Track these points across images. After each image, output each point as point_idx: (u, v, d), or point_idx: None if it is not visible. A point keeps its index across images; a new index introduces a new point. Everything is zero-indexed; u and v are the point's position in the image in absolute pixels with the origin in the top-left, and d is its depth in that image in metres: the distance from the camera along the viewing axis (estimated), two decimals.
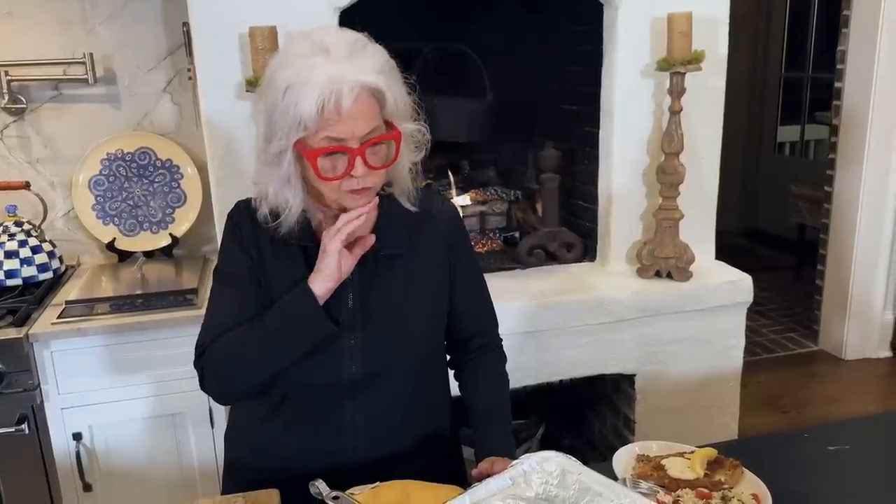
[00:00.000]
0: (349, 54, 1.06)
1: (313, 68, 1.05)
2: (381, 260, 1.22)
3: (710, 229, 2.59)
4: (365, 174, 1.10)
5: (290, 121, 1.06)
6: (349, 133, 1.07)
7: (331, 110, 1.05)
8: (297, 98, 1.05)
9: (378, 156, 1.12)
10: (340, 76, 1.04)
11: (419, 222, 1.25)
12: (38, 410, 1.95)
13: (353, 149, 1.08)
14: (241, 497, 1.03)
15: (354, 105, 1.05)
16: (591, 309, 2.32)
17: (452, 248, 1.29)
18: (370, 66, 1.07)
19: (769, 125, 5.61)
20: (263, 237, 1.20)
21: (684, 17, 2.19)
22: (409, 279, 1.24)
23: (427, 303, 1.26)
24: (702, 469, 1.13)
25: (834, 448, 1.24)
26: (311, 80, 1.04)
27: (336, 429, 1.23)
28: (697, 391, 2.50)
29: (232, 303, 1.21)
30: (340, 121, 1.06)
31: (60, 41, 2.34)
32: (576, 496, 0.91)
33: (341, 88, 1.04)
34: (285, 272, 1.19)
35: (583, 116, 2.58)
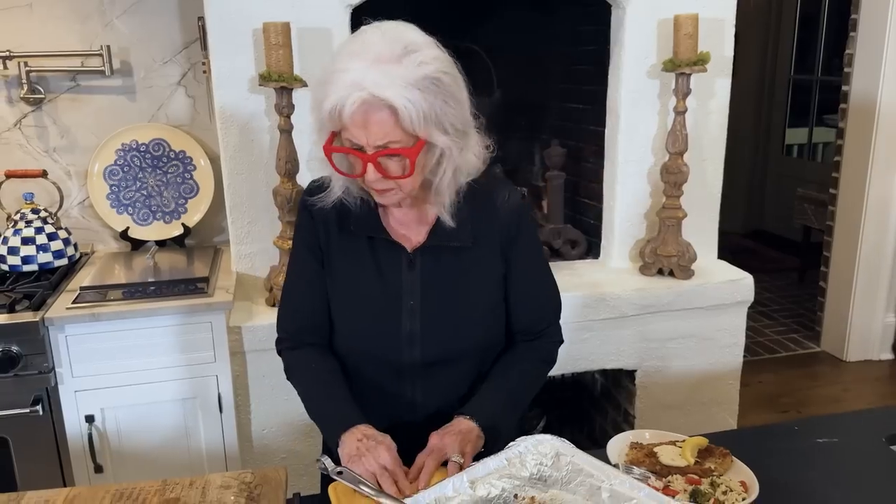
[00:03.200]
0: (381, 62, 1.07)
1: (340, 71, 1.08)
2: (443, 251, 1.26)
3: (713, 229, 2.62)
4: (377, 180, 1.14)
5: (326, 111, 1.11)
6: (363, 140, 1.10)
7: (340, 116, 1.09)
8: (322, 97, 1.10)
9: (395, 168, 1.14)
10: (357, 83, 1.06)
11: (484, 214, 1.28)
12: (52, 393, 2.00)
13: (364, 155, 1.11)
14: (249, 472, 1.07)
15: (364, 115, 1.08)
16: (593, 305, 2.36)
17: (512, 241, 1.30)
18: (392, 80, 1.06)
19: (777, 128, 5.63)
20: (331, 227, 1.28)
21: (690, 19, 2.22)
22: (470, 270, 1.27)
23: (486, 294, 1.29)
24: (692, 457, 1.17)
25: (823, 441, 1.28)
26: (332, 82, 1.09)
27: (398, 407, 1.29)
28: (697, 388, 2.54)
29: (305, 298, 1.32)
30: (353, 126, 1.09)
31: (78, 33, 2.39)
32: (568, 476, 0.95)
33: (353, 97, 1.06)
34: (352, 256, 1.27)
35: (589, 115, 2.61)
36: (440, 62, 1.13)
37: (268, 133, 2.18)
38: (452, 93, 1.13)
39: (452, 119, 1.13)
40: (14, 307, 1.98)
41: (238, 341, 2.09)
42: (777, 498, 1.05)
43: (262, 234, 2.24)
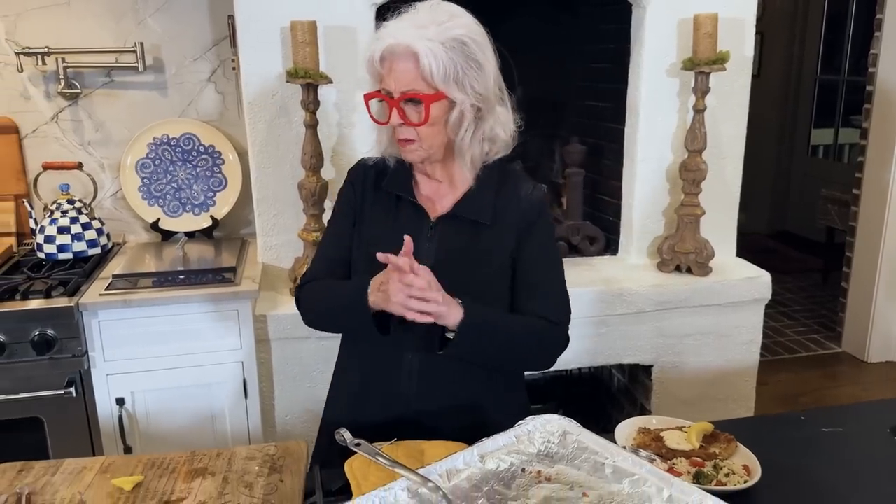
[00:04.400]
0: (416, 22, 1.22)
1: (382, 29, 1.25)
2: (463, 223, 1.34)
3: (732, 227, 2.64)
4: (398, 124, 1.25)
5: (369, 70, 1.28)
6: (392, 86, 1.23)
7: (384, 61, 1.23)
8: (371, 48, 1.26)
9: (417, 111, 1.25)
10: (392, 34, 1.21)
11: (507, 200, 1.36)
12: (85, 376, 2.08)
13: (391, 99, 1.24)
14: (273, 445, 1.13)
15: (390, 61, 1.22)
16: (610, 300, 2.39)
17: (528, 229, 1.36)
18: (422, 34, 1.20)
19: (803, 128, 5.59)
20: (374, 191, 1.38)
21: (710, 19, 2.25)
22: (485, 247, 1.34)
23: (494, 276, 1.35)
24: (697, 441, 1.21)
25: (828, 430, 1.31)
26: (376, 35, 1.26)
27: (395, 375, 1.34)
28: (713, 384, 2.56)
29: (329, 249, 1.44)
30: (389, 73, 1.23)
31: (113, 31, 2.47)
32: (574, 453, 1.00)
33: (382, 44, 1.21)
34: (380, 216, 1.37)
35: (608, 113, 2.65)
36: (471, 30, 1.26)
37: (294, 128, 2.24)
38: (476, 58, 1.25)
39: (473, 81, 1.24)
40: (50, 293, 2.06)
41: (263, 329, 2.15)
42: (778, 482, 1.08)
43: (288, 227, 2.30)
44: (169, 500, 1.01)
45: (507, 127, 1.35)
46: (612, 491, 0.92)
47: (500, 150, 1.36)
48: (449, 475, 0.95)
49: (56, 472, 1.08)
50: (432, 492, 0.90)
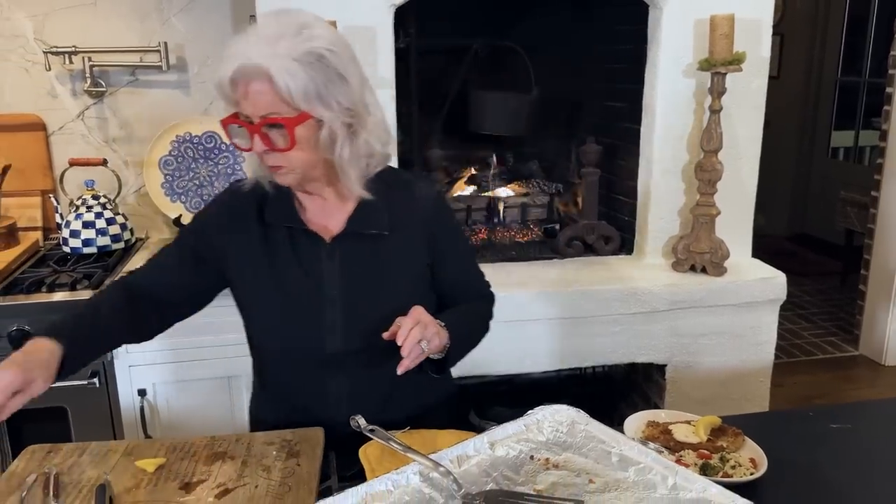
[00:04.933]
0: (265, 36, 1.11)
1: (229, 46, 1.13)
2: (362, 239, 1.28)
3: (748, 227, 2.64)
4: (263, 151, 1.15)
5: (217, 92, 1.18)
6: (249, 110, 1.13)
7: (227, 85, 1.13)
8: (214, 73, 1.16)
9: (281, 136, 1.14)
10: (241, 54, 1.10)
11: (402, 205, 1.31)
12: (108, 367, 2.14)
13: (250, 125, 1.14)
14: (289, 432, 1.17)
15: (244, 84, 1.11)
16: (625, 299, 2.41)
17: (436, 234, 1.34)
18: (274, 52, 1.09)
19: (823, 130, 5.56)
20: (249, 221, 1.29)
21: (726, 20, 2.26)
22: (390, 258, 1.30)
23: (407, 282, 1.32)
24: (705, 434, 1.23)
25: (836, 426, 1.32)
26: (223, 56, 1.14)
27: (322, 400, 1.30)
28: (727, 384, 2.56)
29: (158, 263, 1.37)
30: (244, 96, 1.12)
31: (138, 31, 2.53)
32: (581, 442, 1.02)
33: (231, 66, 1.11)
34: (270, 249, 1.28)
35: (624, 113, 2.66)
36: (328, 40, 1.15)
37: None
38: (339, 71, 1.14)
39: (338, 96, 1.15)
40: (75, 286, 2.12)
41: None
42: (784, 476, 1.10)
43: None
44: (189, 481, 1.04)
45: (383, 138, 1.27)
46: (618, 478, 0.95)
47: (379, 164, 1.28)
48: (459, 461, 0.98)
49: (83, 453, 1.13)
50: (443, 476, 0.93)
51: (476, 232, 2.83)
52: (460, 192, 2.87)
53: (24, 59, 2.50)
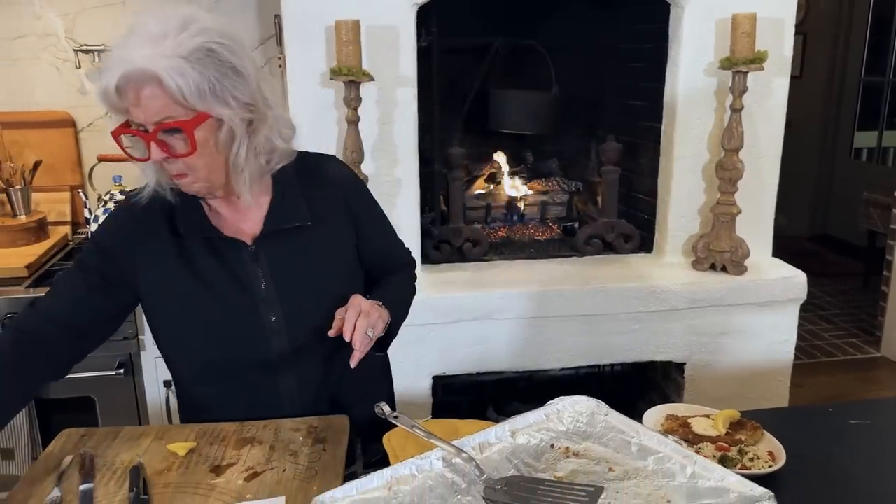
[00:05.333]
0: (152, 37, 1.04)
1: (114, 52, 1.06)
2: (284, 234, 1.23)
3: (768, 226, 2.64)
4: (163, 159, 1.09)
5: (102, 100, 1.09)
6: (141, 117, 1.06)
7: (113, 94, 1.05)
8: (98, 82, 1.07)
9: (180, 141, 1.08)
10: (125, 59, 1.03)
11: (319, 190, 1.27)
12: (135, 358, 2.19)
13: (145, 134, 1.07)
14: (315, 419, 1.19)
15: (132, 90, 1.04)
16: (644, 297, 2.42)
17: (357, 214, 1.32)
18: (161, 52, 1.03)
19: (846, 130, 5.52)
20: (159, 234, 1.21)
21: (748, 19, 2.26)
22: (318, 247, 1.26)
23: (339, 268, 1.28)
24: (724, 428, 1.24)
25: (855, 422, 1.33)
26: (105, 63, 1.07)
27: (272, 399, 1.26)
28: (746, 383, 2.56)
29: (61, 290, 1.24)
30: (129, 104, 1.06)
31: None
32: (601, 432, 1.04)
33: (116, 72, 1.03)
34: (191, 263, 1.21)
35: (645, 112, 2.67)
36: (217, 32, 1.09)
37: (336, 124, 2.32)
38: (232, 64, 1.08)
39: (234, 91, 1.09)
40: None
41: None
42: (803, 470, 1.11)
43: None
44: (220, 464, 1.08)
45: (285, 134, 1.21)
46: (637, 467, 0.97)
47: (282, 160, 1.22)
48: (481, 448, 1.01)
49: (116, 437, 1.16)
50: (466, 462, 0.96)
51: (495, 230, 2.85)
52: (480, 189, 2.89)
53: (55, 58, 2.56)
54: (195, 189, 1.16)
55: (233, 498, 1.00)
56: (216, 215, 1.24)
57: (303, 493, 1.00)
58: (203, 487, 1.02)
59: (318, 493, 0.95)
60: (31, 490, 1.02)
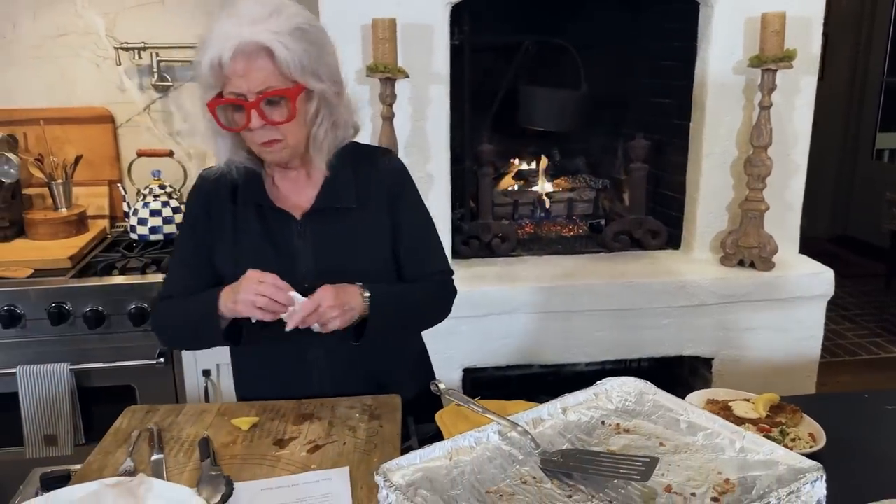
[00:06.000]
0: (248, 16, 1.15)
1: (214, 29, 1.17)
2: (331, 213, 1.33)
3: (795, 223, 2.66)
4: (261, 126, 1.19)
5: (202, 78, 1.21)
6: (244, 87, 1.16)
7: (219, 66, 1.15)
8: (201, 56, 1.18)
9: (279, 112, 1.19)
10: (231, 34, 1.14)
11: (368, 177, 1.36)
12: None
13: (247, 102, 1.17)
14: (369, 398, 1.24)
15: (242, 61, 1.14)
16: (673, 292, 2.45)
17: (396, 201, 1.38)
18: (266, 28, 1.14)
19: (867, 131, 5.51)
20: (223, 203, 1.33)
21: (778, 17, 2.29)
22: (359, 231, 1.34)
23: (376, 251, 1.36)
24: (764, 411, 1.27)
25: (892, 407, 1.36)
26: (209, 39, 1.17)
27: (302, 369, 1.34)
28: (774, 378, 2.58)
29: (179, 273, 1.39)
30: (234, 75, 1.15)
31: (204, 27, 2.63)
32: (650, 410, 1.08)
33: (228, 45, 1.14)
34: (245, 229, 1.32)
35: (673, 109, 2.70)
36: (305, 17, 1.21)
37: (370, 120, 2.36)
38: (322, 43, 1.22)
39: (325, 68, 1.22)
40: (145, 270, 2.23)
41: None
42: (842, 451, 1.14)
43: None
44: (282, 438, 1.12)
45: (353, 110, 1.34)
46: (687, 442, 1.00)
47: (350, 136, 1.35)
48: (534, 423, 1.05)
49: (179, 413, 1.21)
50: (521, 435, 1.00)
51: (522, 226, 2.89)
52: (508, 186, 2.93)
53: (95, 55, 2.62)
54: (280, 156, 1.25)
55: (298, 468, 1.04)
56: (275, 190, 1.35)
57: (364, 464, 1.04)
58: (269, 459, 1.06)
59: (380, 464, 0.99)
60: (105, 460, 1.07)
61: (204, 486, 0.97)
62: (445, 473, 0.94)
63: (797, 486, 0.86)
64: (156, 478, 0.97)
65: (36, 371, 2.13)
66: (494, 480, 0.93)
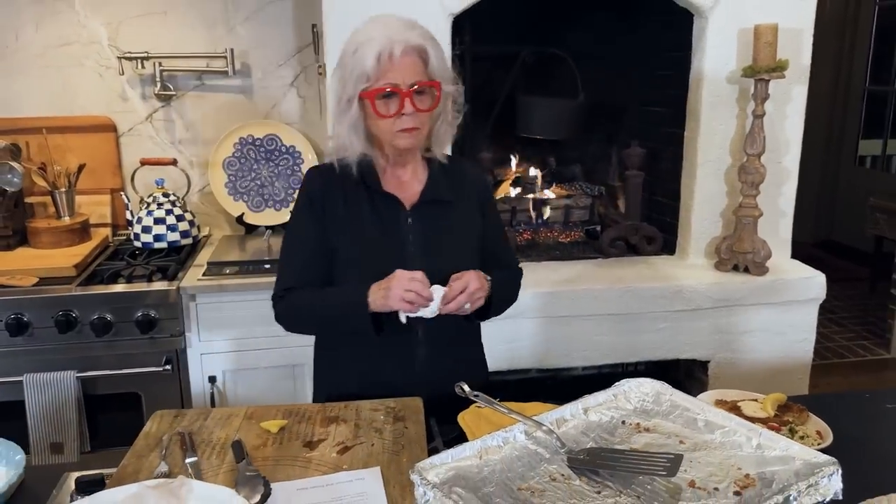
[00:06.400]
0: (402, 24, 1.40)
1: (374, 31, 1.38)
2: (434, 205, 1.52)
3: (787, 229, 2.73)
4: (412, 113, 1.39)
5: (357, 73, 1.39)
6: (400, 79, 1.37)
7: (385, 60, 1.36)
8: (363, 54, 1.37)
9: (424, 102, 1.41)
10: (394, 36, 1.37)
11: (458, 180, 1.57)
12: (181, 354, 2.26)
13: (403, 91, 1.38)
14: (391, 400, 1.27)
15: (403, 57, 1.37)
16: (670, 297, 2.50)
17: (484, 203, 1.62)
18: (417, 33, 1.40)
19: (850, 138, 5.63)
20: (337, 190, 1.50)
21: (770, 29, 2.36)
22: (454, 221, 1.54)
23: (467, 239, 1.56)
24: (773, 410, 1.32)
25: (892, 406, 1.41)
26: (372, 38, 1.37)
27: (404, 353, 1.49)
28: (768, 381, 2.64)
29: (297, 258, 1.52)
30: (393, 69, 1.37)
31: (205, 38, 2.67)
32: (668, 410, 1.12)
33: (394, 43, 1.36)
34: (358, 213, 1.49)
35: (668, 118, 2.76)
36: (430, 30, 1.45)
37: None
38: (443, 53, 1.45)
39: (448, 73, 1.46)
40: (151, 277, 2.25)
41: None
42: (848, 448, 1.19)
43: None
44: (311, 440, 1.15)
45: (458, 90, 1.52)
46: (706, 440, 1.04)
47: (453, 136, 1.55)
48: (558, 423, 1.09)
49: (207, 418, 1.24)
50: (547, 434, 1.04)
51: (520, 232, 2.93)
52: (506, 193, 2.98)
53: (98, 65, 2.64)
54: (412, 142, 1.45)
55: (330, 469, 1.07)
56: (386, 181, 1.52)
57: (394, 464, 1.08)
58: (300, 460, 1.09)
59: (408, 464, 1.03)
60: (139, 464, 1.09)
61: (242, 487, 0.99)
62: (477, 472, 0.97)
63: (815, 479, 0.90)
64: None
65: (42, 379, 2.14)
66: (524, 478, 0.97)
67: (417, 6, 2.31)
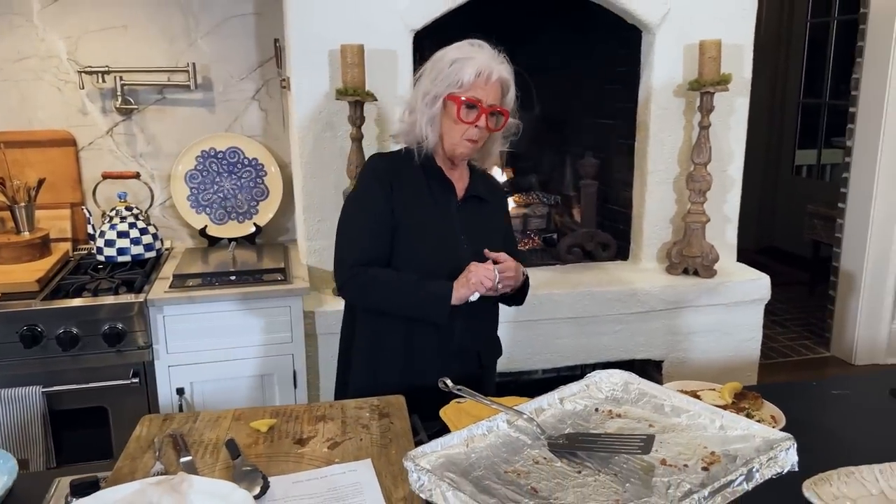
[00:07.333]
0: (496, 55, 1.65)
1: (476, 54, 1.63)
2: (474, 202, 1.76)
3: (733, 233, 2.88)
4: (482, 127, 1.63)
5: (451, 80, 1.61)
6: (484, 97, 1.62)
7: (482, 78, 1.61)
8: (462, 66, 1.61)
9: (493, 123, 1.66)
10: (492, 63, 1.63)
11: (485, 184, 1.83)
12: (148, 367, 2.25)
13: (484, 107, 1.62)
14: (375, 399, 1.32)
15: (494, 82, 1.63)
16: (625, 300, 2.61)
17: (504, 208, 1.92)
18: (507, 68, 1.67)
19: (787, 149, 5.90)
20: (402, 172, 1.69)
21: (714, 45, 2.50)
22: (489, 218, 1.80)
23: (497, 234, 1.81)
24: (730, 398, 1.42)
25: (837, 392, 1.53)
26: (474, 58, 1.62)
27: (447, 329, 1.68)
28: (718, 378, 2.72)
29: (367, 230, 1.67)
30: (483, 87, 1.62)
31: (166, 52, 2.68)
32: (636, 397, 1.20)
33: (492, 69, 1.62)
34: (420, 197, 1.69)
35: (618, 129, 2.89)
36: None
37: (338, 142, 2.45)
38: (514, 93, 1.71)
39: (513, 109, 1.70)
40: (118, 290, 2.24)
41: (311, 324, 2.35)
42: (800, 431, 1.28)
43: (330, 232, 2.45)
44: (301, 437, 1.19)
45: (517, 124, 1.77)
46: (674, 423, 1.13)
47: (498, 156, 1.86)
48: (537, 412, 1.16)
49: (196, 420, 1.27)
50: (527, 422, 1.11)
51: None
52: None
53: (56, 79, 2.63)
54: (468, 151, 1.68)
55: (322, 462, 1.12)
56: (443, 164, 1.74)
57: (384, 456, 1.13)
58: (293, 456, 1.14)
59: (398, 456, 1.08)
60: (134, 465, 1.12)
61: (241, 481, 1.03)
62: (465, 458, 1.03)
63: (774, 453, 0.99)
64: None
65: (7, 395, 2.12)
66: (510, 462, 1.03)
67: (380, 22, 2.40)
